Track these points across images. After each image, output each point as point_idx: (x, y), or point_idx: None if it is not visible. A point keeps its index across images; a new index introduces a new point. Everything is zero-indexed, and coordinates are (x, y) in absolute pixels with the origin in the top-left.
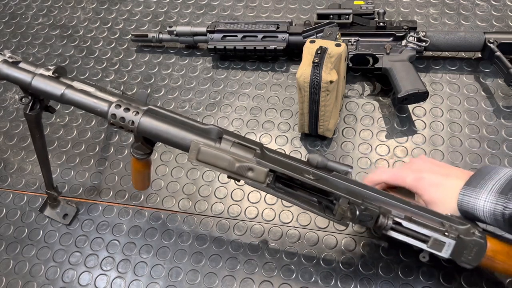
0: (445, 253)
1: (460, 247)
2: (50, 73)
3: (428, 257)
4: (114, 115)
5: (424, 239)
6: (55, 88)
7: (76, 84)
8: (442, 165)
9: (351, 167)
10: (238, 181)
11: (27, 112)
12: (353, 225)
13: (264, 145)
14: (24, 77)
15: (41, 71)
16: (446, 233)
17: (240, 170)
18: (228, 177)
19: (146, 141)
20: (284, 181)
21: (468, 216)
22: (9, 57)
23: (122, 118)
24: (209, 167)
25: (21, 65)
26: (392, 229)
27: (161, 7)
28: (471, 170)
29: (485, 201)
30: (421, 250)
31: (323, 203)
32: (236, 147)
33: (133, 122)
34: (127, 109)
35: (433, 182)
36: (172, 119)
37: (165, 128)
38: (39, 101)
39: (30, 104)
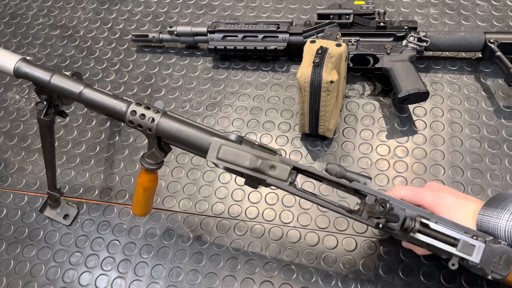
0: (476, 257)
1: (489, 253)
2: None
3: (457, 264)
4: (134, 112)
5: (452, 242)
6: (74, 87)
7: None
8: (457, 191)
9: (370, 178)
10: (256, 187)
11: (42, 117)
12: (381, 225)
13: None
14: (43, 75)
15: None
16: (474, 237)
17: (263, 166)
18: (246, 182)
19: (160, 148)
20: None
21: (501, 195)
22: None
23: (142, 115)
24: (229, 166)
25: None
26: (419, 231)
27: (162, 7)
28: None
29: (507, 221)
30: (448, 259)
31: (346, 208)
32: (257, 149)
33: (153, 119)
34: (147, 107)
35: (452, 202)
36: (191, 123)
37: (185, 128)
38: (54, 106)
39: (45, 109)
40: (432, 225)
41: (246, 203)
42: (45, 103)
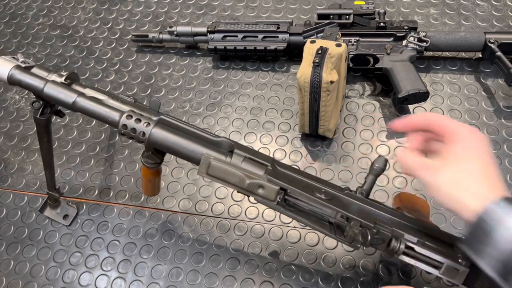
0: (458, 281)
1: (474, 274)
2: (62, 80)
3: (440, 282)
4: (125, 126)
5: (437, 265)
6: (67, 96)
7: (88, 91)
8: (488, 165)
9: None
10: (248, 196)
11: (38, 116)
12: (364, 248)
13: (276, 160)
14: (37, 83)
15: (54, 77)
16: (460, 260)
17: (251, 187)
18: (238, 192)
19: (157, 151)
20: (295, 197)
21: (480, 230)
22: (22, 62)
23: (133, 129)
24: (219, 182)
25: (34, 70)
26: (404, 253)
27: (162, 7)
28: None
29: (484, 268)
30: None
31: (335, 222)
32: (247, 163)
33: (144, 133)
34: (138, 120)
35: (446, 192)
36: (184, 130)
37: (176, 140)
38: (50, 106)
39: (41, 109)
40: (417, 248)
41: (246, 203)
42: (41, 102)
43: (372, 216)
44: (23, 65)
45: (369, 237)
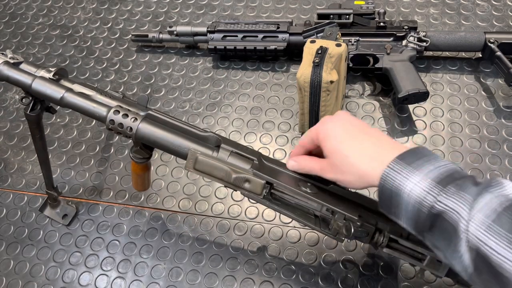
0: (441, 273)
1: None
2: (50, 75)
3: (424, 274)
4: (112, 121)
5: (420, 257)
6: (55, 92)
7: (76, 87)
8: (363, 130)
9: None
10: (235, 190)
11: (28, 112)
12: (349, 240)
13: (263, 154)
14: (25, 79)
15: (42, 72)
16: None
17: (237, 181)
18: (225, 186)
19: (145, 146)
20: (281, 191)
21: (386, 197)
22: (10, 58)
23: (120, 124)
24: (206, 177)
25: (23, 66)
26: (388, 246)
27: (161, 7)
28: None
29: (415, 185)
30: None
31: (320, 215)
32: (234, 157)
33: (131, 128)
34: (125, 115)
35: (340, 140)
36: (171, 125)
37: (163, 135)
38: (40, 102)
39: (31, 105)
40: (401, 241)
41: (246, 203)
42: (30, 98)
43: (357, 209)
44: (12, 61)
45: (352, 230)
